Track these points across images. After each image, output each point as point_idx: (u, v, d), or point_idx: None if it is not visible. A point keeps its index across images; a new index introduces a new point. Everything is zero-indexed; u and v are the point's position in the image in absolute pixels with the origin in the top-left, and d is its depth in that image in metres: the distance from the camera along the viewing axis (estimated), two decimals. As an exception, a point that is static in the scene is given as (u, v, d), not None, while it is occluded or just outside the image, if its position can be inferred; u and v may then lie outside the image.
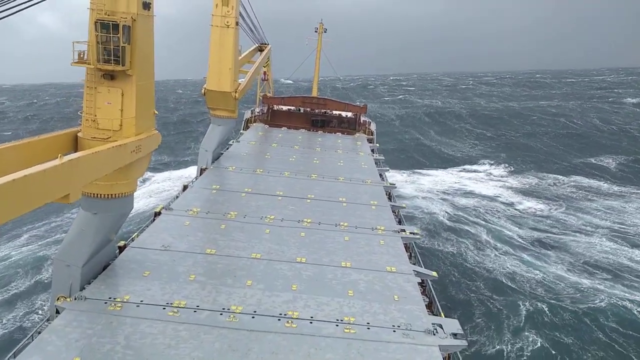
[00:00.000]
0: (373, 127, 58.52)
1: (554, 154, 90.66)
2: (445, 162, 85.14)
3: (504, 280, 42.51)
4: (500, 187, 69.52)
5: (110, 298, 17.99)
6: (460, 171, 79.10)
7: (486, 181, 72.88)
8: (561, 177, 74.79)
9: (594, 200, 63.21)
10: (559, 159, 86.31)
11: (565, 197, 64.62)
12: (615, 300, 37.60)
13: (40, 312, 33.82)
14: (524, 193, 66.48)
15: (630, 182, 72.84)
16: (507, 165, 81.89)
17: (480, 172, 78.38)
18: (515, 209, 59.56)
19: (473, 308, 38.00)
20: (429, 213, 55.80)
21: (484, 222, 54.13)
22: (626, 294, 38.51)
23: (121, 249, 22.05)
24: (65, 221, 51.66)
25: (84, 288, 18.48)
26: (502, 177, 75.28)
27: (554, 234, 51.90)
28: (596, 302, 38.03)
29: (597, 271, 43.48)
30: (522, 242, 49.56)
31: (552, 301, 38.28)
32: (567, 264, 44.94)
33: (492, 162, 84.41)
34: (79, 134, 18.96)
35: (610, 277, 42.05)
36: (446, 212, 56.67)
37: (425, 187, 67.67)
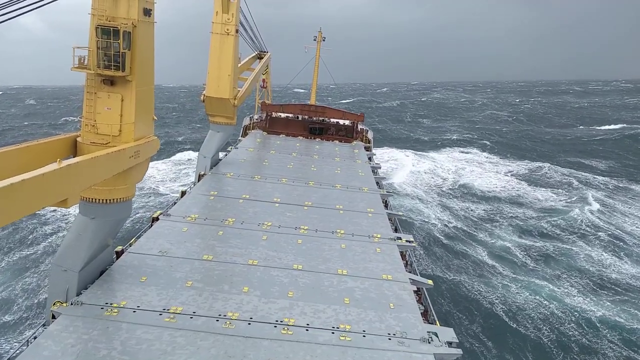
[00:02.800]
0: (370, 135, 58.76)
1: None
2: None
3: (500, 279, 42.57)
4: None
5: (106, 303, 17.96)
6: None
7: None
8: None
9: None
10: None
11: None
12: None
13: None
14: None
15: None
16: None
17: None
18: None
19: (469, 316, 37.96)
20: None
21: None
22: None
23: (118, 254, 22.04)
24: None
25: (81, 293, 18.46)
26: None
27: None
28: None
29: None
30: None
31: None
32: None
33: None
34: (78, 139, 19.03)
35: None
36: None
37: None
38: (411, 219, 57.50)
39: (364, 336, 17.55)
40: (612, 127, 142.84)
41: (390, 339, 17.54)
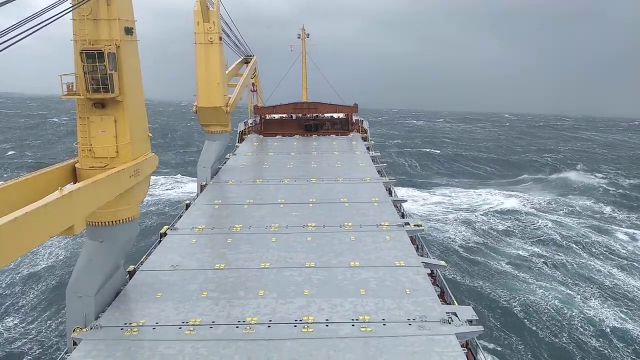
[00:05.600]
0: (366, 125, 58.68)
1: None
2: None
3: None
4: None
5: (125, 324, 18.03)
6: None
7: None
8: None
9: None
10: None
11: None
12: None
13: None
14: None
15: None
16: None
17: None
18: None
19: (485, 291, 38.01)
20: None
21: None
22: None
23: (131, 273, 22.12)
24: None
25: (99, 317, 18.53)
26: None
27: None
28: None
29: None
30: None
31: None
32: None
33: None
34: (77, 165, 19.08)
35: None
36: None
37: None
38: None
39: (384, 325, 17.60)
40: None
41: (410, 324, 17.58)
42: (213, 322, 18.03)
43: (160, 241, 26.22)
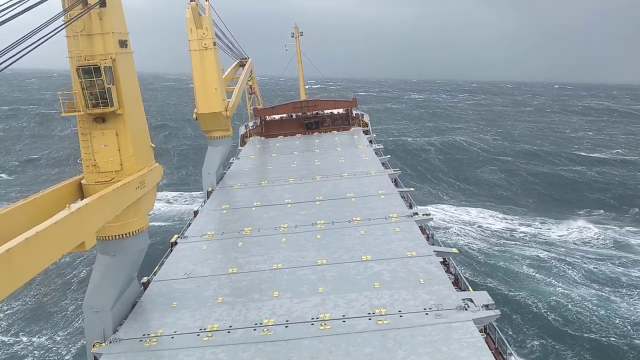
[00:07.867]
0: (366, 118, 58.63)
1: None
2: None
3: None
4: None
5: (144, 335, 18.12)
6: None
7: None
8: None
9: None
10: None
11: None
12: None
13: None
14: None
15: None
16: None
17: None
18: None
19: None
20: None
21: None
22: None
23: (145, 284, 22.22)
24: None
25: (117, 330, 18.63)
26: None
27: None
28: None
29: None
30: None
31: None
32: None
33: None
34: (82, 181, 19.15)
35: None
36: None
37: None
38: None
39: (400, 316, 17.58)
40: None
41: (427, 313, 17.56)
42: (230, 326, 18.08)
43: (171, 250, 26.31)
